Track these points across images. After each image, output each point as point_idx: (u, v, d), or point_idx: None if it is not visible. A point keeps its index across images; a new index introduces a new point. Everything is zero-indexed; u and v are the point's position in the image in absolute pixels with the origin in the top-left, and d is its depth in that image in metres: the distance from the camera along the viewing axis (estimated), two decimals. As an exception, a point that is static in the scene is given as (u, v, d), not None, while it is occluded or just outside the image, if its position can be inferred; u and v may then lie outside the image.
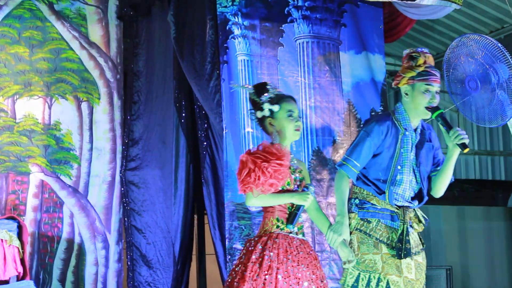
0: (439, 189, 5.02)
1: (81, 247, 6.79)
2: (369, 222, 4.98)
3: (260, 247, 4.88)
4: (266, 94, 4.96)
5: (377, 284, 4.87)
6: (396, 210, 4.95)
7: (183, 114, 7.05)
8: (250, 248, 4.91)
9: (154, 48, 7.22)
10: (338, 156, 6.97)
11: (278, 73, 6.82)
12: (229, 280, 4.91)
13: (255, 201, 4.92)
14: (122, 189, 6.93)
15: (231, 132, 6.55)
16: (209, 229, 6.91)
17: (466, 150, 4.86)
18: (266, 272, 4.78)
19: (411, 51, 5.18)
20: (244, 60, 6.76)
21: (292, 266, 4.80)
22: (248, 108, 6.60)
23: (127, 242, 6.92)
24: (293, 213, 4.89)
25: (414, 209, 5.00)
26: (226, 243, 6.43)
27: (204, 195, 6.87)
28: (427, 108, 4.96)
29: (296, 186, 4.96)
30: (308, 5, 7.09)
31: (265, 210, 4.99)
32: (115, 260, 6.83)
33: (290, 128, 4.94)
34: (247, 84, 5.53)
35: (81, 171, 6.85)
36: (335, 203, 5.10)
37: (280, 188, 4.89)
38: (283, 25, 6.98)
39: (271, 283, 4.74)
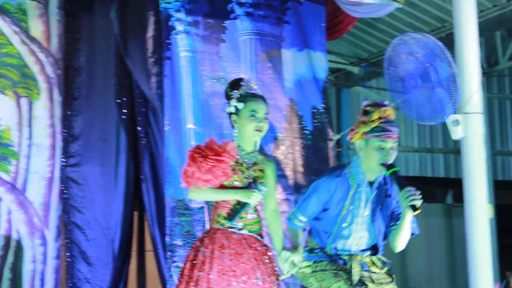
0: (397, 245, 4.86)
1: (19, 243, 6.72)
2: (321, 261, 4.95)
3: (198, 244, 4.90)
4: (236, 90, 4.98)
5: None
6: (344, 257, 4.91)
7: (124, 111, 7.02)
8: (191, 246, 4.93)
9: (96, 44, 7.17)
10: (279, 153, 6.99)
11: (221, 69, 6.82)
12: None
13: (196, 195, 4.93)
14: (62, 185, 6.87)
15: (172, 128, 6.53)
16: (148, 226, 6.89)
17: (416, 212, 4.68)
18: (199, 269, 4.78)
19: (367, 104, 5.02)
20: (187, 56, 6.75)
21: (230, 260, 4.80)
22: (191, 104, 6.63)
23: (66, 239, 6.87)
24: (235, 210, 4.89)
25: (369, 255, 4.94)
26: (167, 239, 6.42)
27: (143, 191, 6.85)
28: (382, 164, 4.80)
29: (247, 183, 4.96)
30: (251, 2, 7.10)
31: (214, 206, 5.00)
32: (54, 256, 6.76)
33: (250, 128, 4.94)
34: (222, 78, 5.51)
35: (20, 167, 6.76)
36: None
37: (226, 184, 4.90)
38: (226, 22, 6.98)
39: (204, 279, 4.75)
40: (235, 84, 5.05)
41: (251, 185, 4.93)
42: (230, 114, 5.03)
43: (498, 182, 11.80)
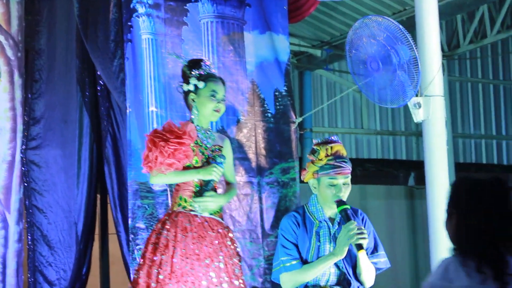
0: (364, 281, 4.82)
1: (-20, 227, 6.68)
2: None
3: (160, 226, 4.89)
4: (197, 70, 4.97)
5: None
6: None
7: (87, 93, 6.98)
8: (152, 229, 4.91)
9: (56, 26, 7.11)
10: (242, 136, 7.00)
11: (183, 52, 6.79)
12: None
13: (158, 179, 4.92)
14: (23, 168, 6.83)
15: (134, 111, 6.51)
16: (111, 208, 6.88)
17: (360, 252, 4.67)
18: (162, 252, 4.77)
19: (315, 143, 5.01)
20: (148, 39, 6.71)
21: (193, 243, 4.80)
22: (153, 87, 6.60)
23: (28, 222, 6.83)
24: (201, 189, 4.90)
25: None
26: (129, 222, 6.41)
27: (106, 174, 6.83)
28: (335, 201, 4.78)
29: (207, 163, 4.97)
30: (213, -15, 7.08)
31: (174, 189, 5.00)
32: (15, 240, 6.72)
33: (209, 108, 4.95)
34: (184, 57, 5.50)
35: (-20, 150, 6.72)
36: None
37: (187, 166, 4.90)
38: (187, 4, 6.95)
39: (167, 262, 4.75)
40: (195, 63, 5.05)
41: (209, 161, 4.94)
42: (188, 93, 5.02)
43: (459, 164, 11.91)
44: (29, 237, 6.84)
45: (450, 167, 7.38)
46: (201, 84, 4.95)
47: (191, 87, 4.97)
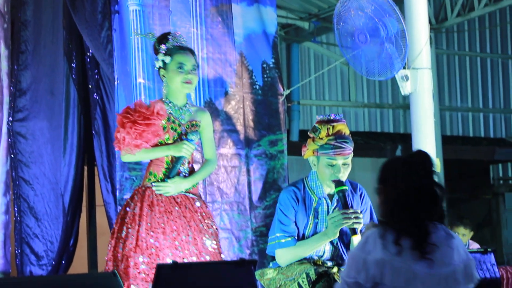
0: None
1: (-33, 199, 6.67)
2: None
3: (129, 201, 4.90)
4: (164, 45, 4.94)
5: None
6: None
7: (73, 65, 6.95)
8: (124, 204, 4.92)
9: (43, -3, 7.07)
10: (230, 108, 6.99)
11: (170, 23, 6.76)
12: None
13: (128, 158, 4.92)
14: (9, 140, 6.81)
15: (122, 82, 6.49)
16: (99, 180, 6.87)
17: (354, 236, 4.66)
18: (129, 226, 4.78)
19: (317, 120, 4.95)
20: (135, 10, 6.67)
21: (159, 217, 4.80)
22: (140, 59, 6.58)
23: (15, 194, 6.82)
24: (171, 166, 4.89)
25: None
26: (117, 194, 6.41)
27: (95, 146, 6.82)
28: (332, 181, 4.76)
29: (180, 140, 4.95)
30: (200, -45, 7.04)
31: (148, 163, 5.00)
32: (2, 212, 6.71)
33: (177, 80, 4.92)
34: (151, 33, 5.46)
35: (-34, 122, 6.69)
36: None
37: (160, 143, 4.89)
38: (175, -25, 6.91)
39: (133, 236, 4.75)
40: (163, 38, 5.03)
41: (182, 138, 4.92)
42: (159, 69, 5.00)
43: (445, 137, 11.96)
44: (15, 209, 6.83)
45: (437, 140, 7.42)
46: (167, 59, 4.93)
47: (160, 63, 4.96)
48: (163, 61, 4.93)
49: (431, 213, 3.34)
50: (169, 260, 4.69)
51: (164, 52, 4.94)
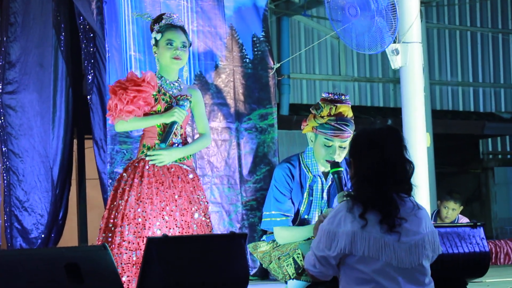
0: None
1: (-44, 172, 6.66)
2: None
3: (123, 173, 4.95)
4: (157, 24, 5.02)
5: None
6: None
7: (62, 37, 6.92)
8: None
9: (31, -32, 7.02)
10: (220, 81, 6.97)
11: (161, -4, 6.74)
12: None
13: (121, 126, 4.96)
14: (-1, 113, 6.80)
15: (114, 55, 6.47)
16: (90, 153, 6.86)
17: None
18: (120, 197, 4.84)
19: (322, 97, 4.84)
20: (126, -18, 6.65)
21: (148, 188, 4.85)
22: (131, 32, 6.56)
23: (4, 167, 6.81)
24: (165, 132, 4.91)
25: None
26: (108, 167, 6.41)
27: (92, 120, 6.80)
28: (327, 161, 4.69)
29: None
30: None
31: (140, 137, 5.04)
32: (-8, 184, 6.72)
33: (166, 56, 4.99)
34: (146, 13, 5.49)
35: (-45, 94, 6.67)
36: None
37: (151, 113, 4.93)
38: None
39: (121, 206, 4.82)
40: (157, 18, 5.10)
41: (172, 104, 4.97)
42: (153, 46, 5.07)
43: (435, 112, 11.97)
44: (5, 182, 6.82)
45: (427, 114, 7.43)
46: (158, 36, 5.02)
47: (153, 41, 5.04)
48: (155, 38, 5.02)
49: (398, 187, 3.36)
50: (157, 231, 4.73)
51: (157, 30, 5.01)
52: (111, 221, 4.85)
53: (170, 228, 4.79)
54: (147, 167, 4.90)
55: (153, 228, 4.78)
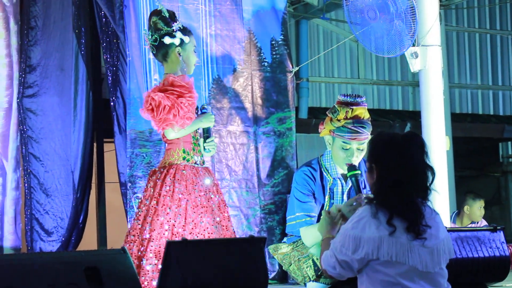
0: None
1: (-22, 175, 6.69)
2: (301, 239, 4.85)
3: (169, 179, 4.91)
4: (176, 23, 5.01)
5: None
6: None
7: (83, 41, 6.95)
8: (158, 181, 4.93)
9: (51, -28, 7.06)
10: (238, 85, 6.98)
11: (179, 0, 6.76)
12: (139, 213, 4.94)
13: (178, 134, 4.96)
14: (20, 116, 6.82)
15: (134, 59, 6.50)
16: (109, 157, 6.88)
17: None
18: (176, 205, 4.83)
19: (338, 100, 4.88)
20: (145, -14, 6.67)
21: (199, 196, 4.86)
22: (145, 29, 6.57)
23: (25, 170, 6.84)
24: (204, 136, 4.97)
25: None
26: (127, 170, 6.43)
27: (114, 124, 6.81)
28: (346, 164, 4.71)
29: (196, 114, 5.06)
30: None
31: (169, 142, 5.02)
32: (13, 188, 6.74)
33: (192, 62, 5.04)
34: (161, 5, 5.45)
35: (-23, 97, 6.71)
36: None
37: None
38: (185, -48, 6.89)
39: (180, 214, 4.81)
40: (173, 16, 5.07)
41: (201, 110, 5.03)
42: (168, 46, 5.02)
43: (455, 115, 11.92)
44: (26, 185, 6.85)
45: (446, 117, 7.41)
46: (187, 39, 5.02)
47: (177, 41, 4.99)
48: (181, 39, 4.98)
49: (420, 193, 3.38)
50: (188, 236, 4.77)
51: (181, 30, 5.00)
52: (139, 227, 4.84)
53: (197, 235, 4.81)
54: (177, 172, 4.90)
55: (183, 232, 4.80)
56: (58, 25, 6.98)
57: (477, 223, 8.22)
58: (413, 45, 6.71)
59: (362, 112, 4.81)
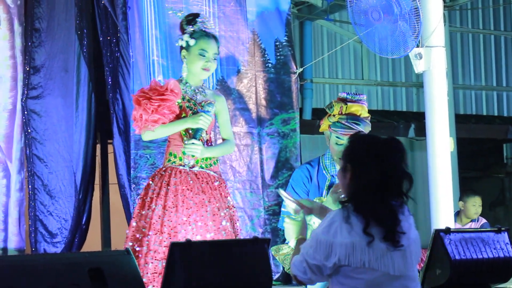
0: None
1: (-19, 176, 6.69)
2: None
3: (150, 181, 4.94)
4: (191, 25, 4.98)
5: None
6: None
7: (85, 42, 6.95)
8: (151, 185, 4.95)
9: (55, -27, 7.06)
10: (242, 86, 6.98)
11: (183, 1, 6.76)
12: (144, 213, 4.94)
13: (148, 136, 4.97)
14: (24, 117, 6.83)
15: (137, 60, 6.50)
16: (113, 158, 6.89)
17: None
18: (148, 206, 4.82)
19: (338, 97, 4.97)
20: (149, -13, 6.67)
21: (174, 196, 4.83)
22: (154, 36, 6.58)
23: (29, 172, 6.84)
24: (191, 138, 4.92)
25: None
26: (131, 172, 6.44)
27: (114, 126, 6.82)
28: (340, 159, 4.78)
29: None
30: None
31: (166, 146, 5.04)
32: (17, 189, 6.74)
33: (197, 66, 4.98)
34: (181, 11, 5.45)
35: (-20, 99, 6.71)
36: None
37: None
38: (189, -48, 6.89)
39: (148, 216, 4.79)
40: (192, 19, 5.06)
41: (197, 110, 4.97)
42: (181, 49, 5.05)
43: (459, 116, 11.91)
44: (29, 186, 6.85)
45: (451, 118, 7.39)
46: (192, 42, 4.99)
47: (184, 44, 5.01)
48: (187, 42, 4.99)
49: (395, 198, 3.34)
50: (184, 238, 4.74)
51: (190, 33, 4.98)
52: (138, 230, 4.84)
53: (196, 235, 4.79)
54: (173, 175, 4.89)
55: (179, 236, 4.78)
56: (62, 26, 6.99)
57: (477, 221, 8.21)
58: (417, 46, 6.70)
59: (358, 109, 4.86)
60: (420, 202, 11.71)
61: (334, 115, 4.85)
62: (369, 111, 5.27)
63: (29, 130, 6.84)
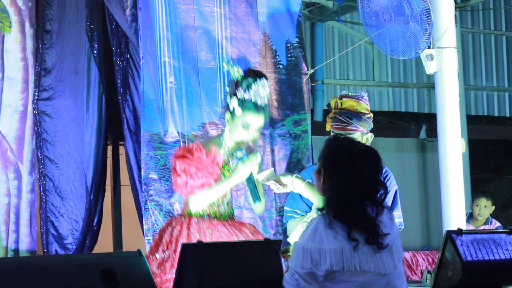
0: None
1: (-7, 177, 6.71)
2: None
3: (166, 227, 4.81)
4: (245, 91, 4.66)
5: None
6: None
7: (95, 44, 6.97)
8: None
9: (66, -24, 7.08)
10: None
11: (194, 2, 6.76)
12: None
13: (199, 205, 4.76)
14: (35, 119, 6.85)
15: (148, 62, 6.51)
16: (124, 159, 6.90)
17: None
18: (165, 249, 4.71)
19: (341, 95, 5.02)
20: (160, -12, 6.67)
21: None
22: (165, 38, 6.58)
23: (40, 173, 6.86)
24: (250, 190, 4.83)
25: None
26: (142, 172, 6.44)
27: (124, 127, 6.82)
28: None
29: None
30: None
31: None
32: (28, 190, 6.76)
33: (237, 136, 4.63)
34: (237, 67, 4.98)
35: (-8, 100, 6.73)
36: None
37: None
38: (200, -46, 6.89)
39: (170, 257, 4.68)
40: (248, 78, 4.72)
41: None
42: (227, 107, 4.77)
43: (470, 117, 11.88)
44: (41, 187, 6.87)
45: (462, 119, 7.38)
46: (238, 111, 4.64)
47: (230, 107, 4.69)
48: (234, 108, 4.66)
49: (370, 205, 3.32)
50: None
51: (242, 99, 4.65)
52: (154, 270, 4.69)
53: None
54: (195, 223, 4.76)
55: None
56: (73, 28, 7.01)
57: (490, 223, 8.18)
58: (429, 47, 6.69)
59: (354, 104, 4.89)
60: (432, 204, 11.70)
61: (330, 111, 4.94)
62: (380, 112, 5.29)
63: (40, 132, 6.86)
